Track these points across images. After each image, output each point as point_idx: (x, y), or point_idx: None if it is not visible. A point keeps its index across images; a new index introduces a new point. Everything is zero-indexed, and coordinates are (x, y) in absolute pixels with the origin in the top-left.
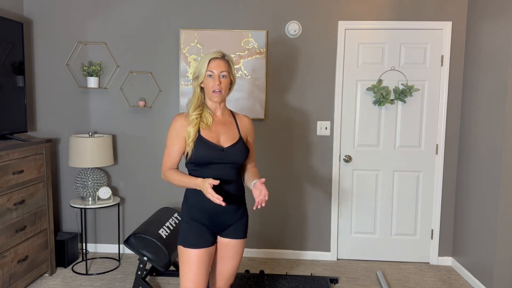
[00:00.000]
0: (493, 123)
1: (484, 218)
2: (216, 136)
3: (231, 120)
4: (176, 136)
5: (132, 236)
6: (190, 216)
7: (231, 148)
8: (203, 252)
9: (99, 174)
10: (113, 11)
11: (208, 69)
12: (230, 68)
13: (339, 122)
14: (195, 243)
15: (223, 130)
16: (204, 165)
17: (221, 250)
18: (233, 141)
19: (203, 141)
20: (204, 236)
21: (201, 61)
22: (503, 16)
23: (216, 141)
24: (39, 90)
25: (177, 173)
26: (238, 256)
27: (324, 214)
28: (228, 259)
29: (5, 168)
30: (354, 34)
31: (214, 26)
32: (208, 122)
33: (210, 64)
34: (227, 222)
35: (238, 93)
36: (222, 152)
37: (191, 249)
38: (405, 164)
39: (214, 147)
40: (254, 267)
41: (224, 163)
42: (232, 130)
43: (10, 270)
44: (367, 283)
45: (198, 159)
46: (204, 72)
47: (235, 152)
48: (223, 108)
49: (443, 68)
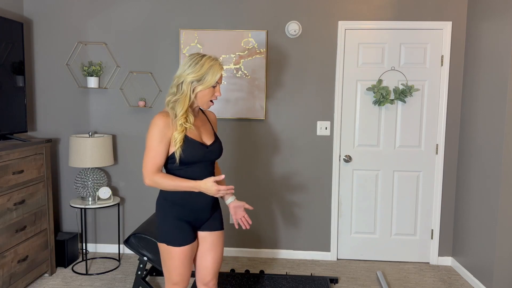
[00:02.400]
0: (493, 123)
1: (484, 218)
2: (199, 134)
3: (204, 118)
4: (161, 137)
5: (132, 236)
6: (171, 214)
7: (213, 145)
8: (186, 248)
9: (99, 174)
10: (113, 11)
11: (218, 81)
12: None
13: (339, 122)
14: (179, 241)
15: (202, 129)
16: (190, 164)
17: (201, 244)
18: (212, 138)
19: (189, 141)
20: (187, 233)
21: (210, 69)
22: (503, 16)
23: (199, 139)
24: (39, 90)
25: (170, 178)
26: (218, 248)
27: (324, 214)
28: (209, 252)
29: (5, 168)
30: (354, 34)
31: (214, 26)
32: (192, 123)
33: (220, 76)
34: (205, 217)
35: (238, 93)
36: (207, 149)
37: (175, 247)
38: (405, 164)
39: (199, 145)
40: (254, 267)
41: (206, 161)
42: (208, 127)
43: (10, 270)
44: (367, 283)
45: (187, 159)
46: (213, 83)
47: (216, 149)
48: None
49: (443, 68)
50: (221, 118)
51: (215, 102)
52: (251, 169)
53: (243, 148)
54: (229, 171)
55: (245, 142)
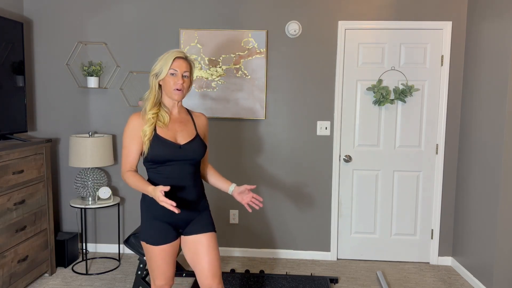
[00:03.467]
0: (493, 123)
1: (484, 218)
2: (173, 134)
3: (187, 118)
4: (133, 136)
5: (132, 236)
6: (151, 214)
7: (188, 145)
8: (166, 247)
9: (99, 174)
10: (113, 11)
11: (171, 67)
12: (191, 70)
13: (339, 122)
14: (157, 241)
15: (179, 128)
16: (162, 162)
17: (192, 249)
18: (190, 138)
19: (159, 139)
20: (166, 233)
21: (163, 59)
22: (503, 16)
23: (173, 138)
24: (39, 90)
25: (134, 177)
26: (211, 250)
27: (324, 214)
28: (202, 255)
29: (5, 168)
30: (354, 34)
31: (214, 26)
32: (165, 121)
33: (174, 63)
34: (186, 218)
35: (238, 93)
36: (179, 149)
37: (154, 246)
38: (405, 164)
39: (170, 144)
40: (254, 267)
41: (181, 160)
42: (189, 127)
43: (10, 270)
44: (367, 283)
45: (155, 157)
46: (167, 70)
47: (193, 149)
48: (180, 106)
49: (443, 68)
50: (221, 118)
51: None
52: (251, 169)
53: (243, 148)
54: (228, 171)
55: (245, 142)
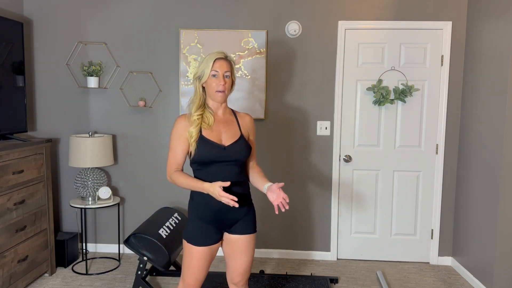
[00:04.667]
0: (493, 123)
1: (484, 218)
2: (218, 135)
3: (232, 119)
4: (179, 137)
5: (132, 236)
6: (196, 214)
7: (233, 146)
8: (205, 250)
9: (99, 174)
10: (113, 11)
11: (212, 69)
12: (232, 69)
13: (339, 122)
14: (198, 241)
15: (224, 129)
16: (207, 164)
17: (232, 246)
18: (234, 138)
19: (205, 141)
20: (208, 235)
21: (204, 61)
22: (503, 16)
23: (217, 140)
24: (39, 90)
25: (184, 176)
26: (249, 251)
27: (324, 214)
28: (239, 255)
29: (5, 168)
30: (354, 34)
31: (214, 26)
32: (210, 122)
33: (215, 64)
34: (233, 219)
35: (238, 93)
36: (224, 150)
37: (193, 246)
38: (405, 164)
39: (215, 146)
40: (254, 267)
41: (226, 161)
42: (233, 128)
43: (10, 270)
44: (367, 283)
45: (200, 159)
46: (209, 72)
47: (237, 150)
48: (224, 107)
49: (443, 68)
50: None
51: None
52: None
53: None
54: None
55: None
